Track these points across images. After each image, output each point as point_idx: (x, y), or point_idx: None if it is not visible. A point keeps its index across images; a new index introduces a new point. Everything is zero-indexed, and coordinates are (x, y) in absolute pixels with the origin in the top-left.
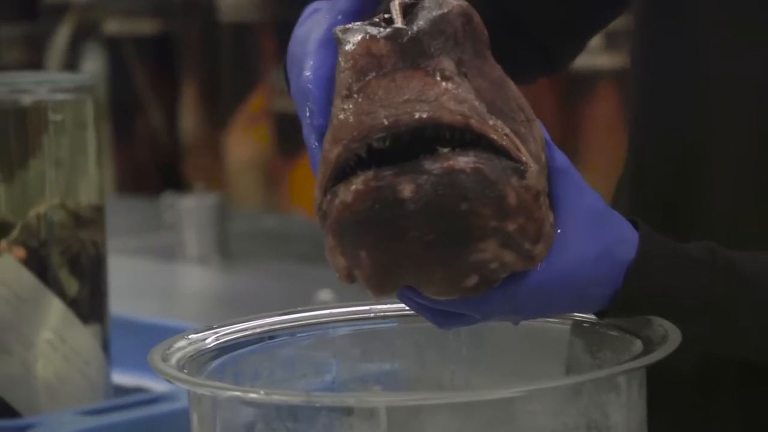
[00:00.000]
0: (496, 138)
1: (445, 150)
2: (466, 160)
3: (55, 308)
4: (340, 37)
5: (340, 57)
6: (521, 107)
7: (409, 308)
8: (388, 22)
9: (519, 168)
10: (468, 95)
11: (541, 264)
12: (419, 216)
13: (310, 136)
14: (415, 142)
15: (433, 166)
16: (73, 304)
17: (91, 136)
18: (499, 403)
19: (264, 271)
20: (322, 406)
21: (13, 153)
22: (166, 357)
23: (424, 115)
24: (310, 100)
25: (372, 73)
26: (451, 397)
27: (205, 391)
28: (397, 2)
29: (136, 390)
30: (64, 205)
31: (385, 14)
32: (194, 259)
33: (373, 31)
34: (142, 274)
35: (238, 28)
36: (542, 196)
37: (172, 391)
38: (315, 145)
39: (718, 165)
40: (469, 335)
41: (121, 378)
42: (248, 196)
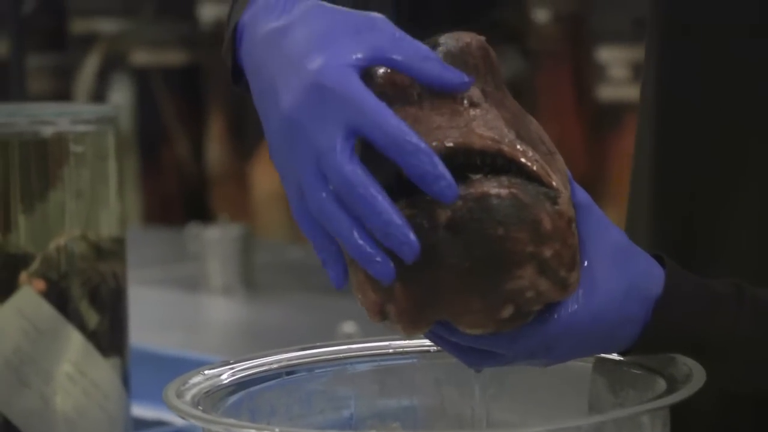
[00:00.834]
0: (528, 163)
1: (477, 176)
2: (500, 185)
3: (75, 341)
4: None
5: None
6: (542, 140)
7: (440, 347)
8: None
9: (551, 194)
10: (497, 122)
11: (571, 302)
12: (456, 242)
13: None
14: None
15: (467, 192)
16: (92, 336)
17: (112, 168)
18: None
19: (288, 303)
20: None
21: (33, 184)
22: (182, 393)
23: (456, 142)
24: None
25: (398, 103)
26: None
27: (220, 429)
28: None
29: (157, 423)
30: (85, 237)
31: None
32: (218, 290)
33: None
34: (167, 305)
35: None
36: (573, 223)
37: (192, 426)
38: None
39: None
40: (490, 372)
41: (142, 411)
42: (273, 226)
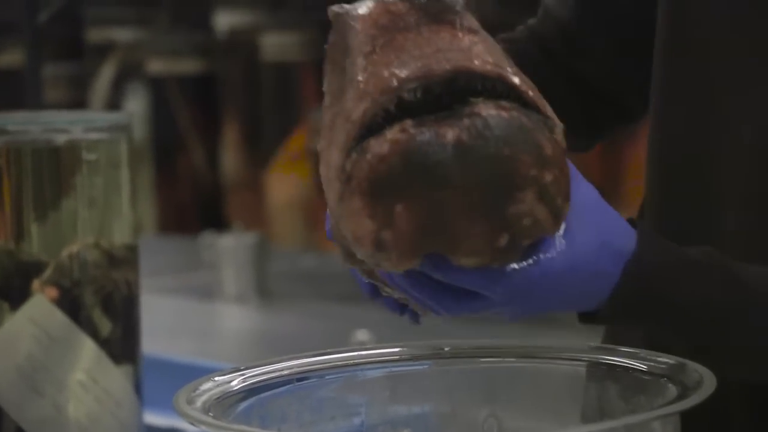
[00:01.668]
0: (529, 91)
1: (479, 100)
2: (505, 108)
3: (88, 349)
4: (340, 11)
5: (353, 22)
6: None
7: (421, 294)
8: None
9: (549, 123)
10: (495, 49)
11: (551, 249)
12: (463, 161)
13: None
14: (445, 95)
15: (474, 112)
16: (105, 344)
17: (125, 176)
18: None
19: (302, 311)
20: None
21: (46, 192)
22: (192, 399)
23: (458, 65)
24: None
25: (395, 31)
26: None
27: None
28: None
29: (169, 431)
30: (98, 245)
31: None
32: (232, 299)
33: None
34: (182, 313)
35: (280, 69)
36: (566, 154)
37: None
38: None
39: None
40: (502, 377)
41: (155, 418)
42: (288, 235)
